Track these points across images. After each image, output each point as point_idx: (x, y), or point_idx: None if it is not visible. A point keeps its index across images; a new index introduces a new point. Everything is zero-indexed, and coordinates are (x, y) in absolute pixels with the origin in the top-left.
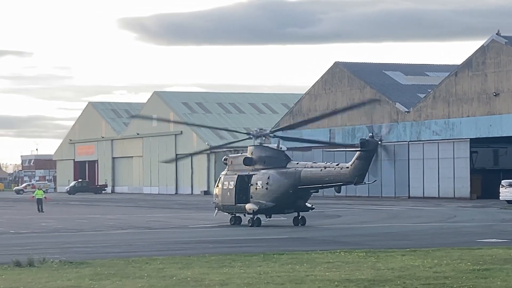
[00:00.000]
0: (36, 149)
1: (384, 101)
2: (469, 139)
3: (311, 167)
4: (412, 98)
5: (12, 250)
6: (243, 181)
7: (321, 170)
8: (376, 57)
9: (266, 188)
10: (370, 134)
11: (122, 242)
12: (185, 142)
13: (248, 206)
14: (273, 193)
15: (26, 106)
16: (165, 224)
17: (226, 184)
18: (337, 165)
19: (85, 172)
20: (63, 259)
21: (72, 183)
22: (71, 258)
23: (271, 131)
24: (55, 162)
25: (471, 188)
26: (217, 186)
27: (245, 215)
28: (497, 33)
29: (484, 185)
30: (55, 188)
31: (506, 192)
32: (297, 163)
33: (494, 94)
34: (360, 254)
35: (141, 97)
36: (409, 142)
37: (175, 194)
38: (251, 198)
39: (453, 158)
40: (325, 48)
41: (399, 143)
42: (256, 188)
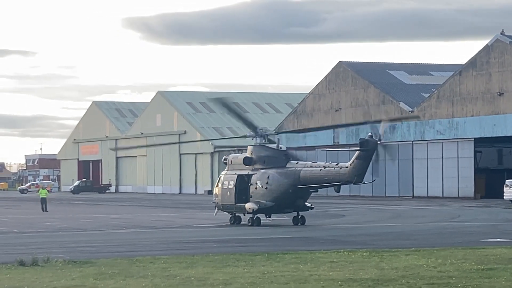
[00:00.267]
0: (40, 149)
1: (388, 101)
2: (473, 139)
3: (311, 167)
4: (416, 98)
5: (16, 250)
6: (243, 181)
7: (321, 170)
8: (380, 57)
9: (266, 188)
10: (369, 134)
11: (126, 242)
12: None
13: (248, 206)
14: (273, 193)
15: (30, 106)
16: (169, 224)
17: (226, 184)
18: (337, 165)
19: (89, 172)
20: (67, 259)
21: (76, 183)
22: (75, 258)
23: (277, 132)
24: (59, 162)
25: (475, 188)
26: (217, 186)
27: (245, 215)
28: (502, 33)
29: (488, 185)
30: (59, 188)
31: (510, 192)
32: (297, 163)
33: (498, 94)
34: (364, 254)
35: (145, 97)
36: (413, 142)
37: (179, 194)
38: (251, 198)
39: (457, 158)
40: (329, 48)
41: (403, 143)
42: (256, 188)
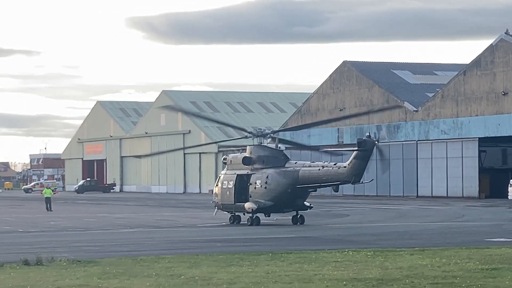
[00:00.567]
0: (45, 148)
1: (393, 100)
2: (478, 138)
3: (309, 167)
4: (421, 97)
5: (21, 249)
6: (242, 181)
7: (319, 170)
8: (385, 56)
9: (265, 188)
10: (367, 134)
11: (130, 241)
12: (193, 141)
13: (247, 205)
14: (272, 192)
15: (35, 105)
16: (173, 223)
17: (226, 184)
18: (335, 165)
19: (94, 171)
20: (72, 258)
21: (81, 182)
22: (80, 257)
23: (273, 131)
24: (64, 161)
25: (480, 188)
26: (217, 186)
27: (245, 214)
28: (506, 32)
29: (493, 185)
30: (64, 187)
31: None
32: (295, 163)
33: (503, 93)
34: (368, 253)
35: (149, 96)
36: (418, 142)
37: (183, 193)
38: (250, 197)
39: (462, 157)
40: (333, 47)
41: (408, 142)
42: (255, 188)
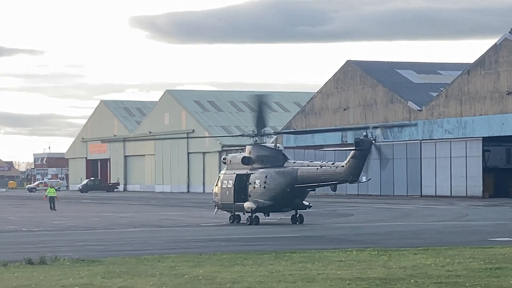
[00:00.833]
0: (49, 147)
1: (396, 100)
2: (482, 138)
3: (308, 166)
4: (425, 97)
5: (24, 248)
6: (242, 180)
7: (317, 169)
8: (388, 56)
9: (264, 187)
10: (364, 134)
11: (134, 240)
12: (197, 140)
13: (246, 205)
14: (271, 192)
15: (39, 105)
16: (177, 222)
17: (225, 183)
18: (333, 164)
19: (97, 170)
20: (75, 257)
21: (85, 181)
22: (83, 256)
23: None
24: (68, 160)
25: (484, 187)
26: (217, 185)
27: (244, 214)
28: (510, 32)
29: (497, 184)
30: (68, 186)
31: None
32: (294, 162)
33: (507, 93)
34: (372, 253)
35: (153, 96)
36: (421, 141)
37: (187, 193)
38: (249, 197)
39: (466, 157)
40: (337, 47)
41: (411, 142)
42: (254, 187)
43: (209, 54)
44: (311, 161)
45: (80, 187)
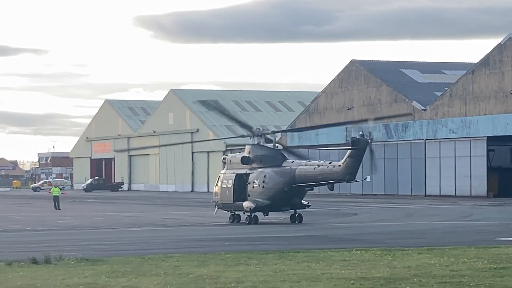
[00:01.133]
0: (53, 147)
1: (401, 99)
2: (486, 137)
3: (305, 165)
4: (429, 96)
5: (29, 247)
6: (241, 180)
7: (315, 169)
8: (393, 55)
9: (263, 187)
10: (361, 133)
11: (138, 240)
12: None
13: (245, 204)
14: (269, 191)
15: (43, 104)
16: (181, 222)
17: (225, 183)
18: (330, 163)
19: (102, 170)
20: (80, 256)
21: (89, 181)
22: (88, 256)
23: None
24: (72, 160)
25: (488, 187)
26: (217, 185)
27: (244, 213)
28: None
29: (501, 184)
30: (72, 186)
31: None
32: (292, 162)
33: (511, 92)
34: (376, 253)
35: (157, 95)
36: (426, 140)
37: (191, 192)
38: (249, 196)
39: (470, 157)
40: (342, 46)
41: (416, 141)
42: (253, 187)
43: (214, 54)
44: (309, 161)
45: (85, 187)
